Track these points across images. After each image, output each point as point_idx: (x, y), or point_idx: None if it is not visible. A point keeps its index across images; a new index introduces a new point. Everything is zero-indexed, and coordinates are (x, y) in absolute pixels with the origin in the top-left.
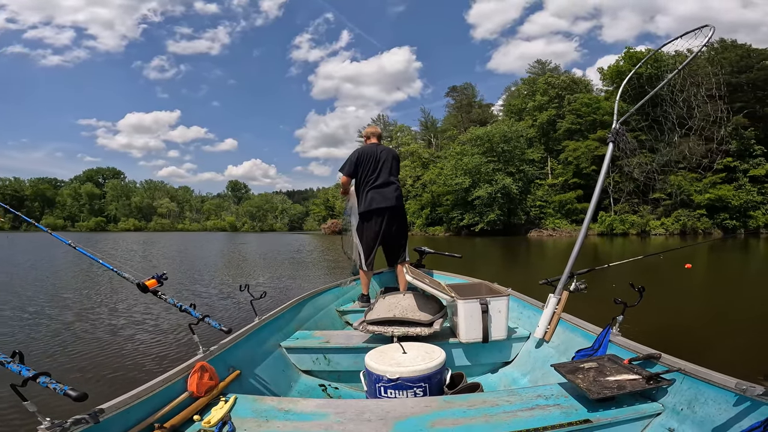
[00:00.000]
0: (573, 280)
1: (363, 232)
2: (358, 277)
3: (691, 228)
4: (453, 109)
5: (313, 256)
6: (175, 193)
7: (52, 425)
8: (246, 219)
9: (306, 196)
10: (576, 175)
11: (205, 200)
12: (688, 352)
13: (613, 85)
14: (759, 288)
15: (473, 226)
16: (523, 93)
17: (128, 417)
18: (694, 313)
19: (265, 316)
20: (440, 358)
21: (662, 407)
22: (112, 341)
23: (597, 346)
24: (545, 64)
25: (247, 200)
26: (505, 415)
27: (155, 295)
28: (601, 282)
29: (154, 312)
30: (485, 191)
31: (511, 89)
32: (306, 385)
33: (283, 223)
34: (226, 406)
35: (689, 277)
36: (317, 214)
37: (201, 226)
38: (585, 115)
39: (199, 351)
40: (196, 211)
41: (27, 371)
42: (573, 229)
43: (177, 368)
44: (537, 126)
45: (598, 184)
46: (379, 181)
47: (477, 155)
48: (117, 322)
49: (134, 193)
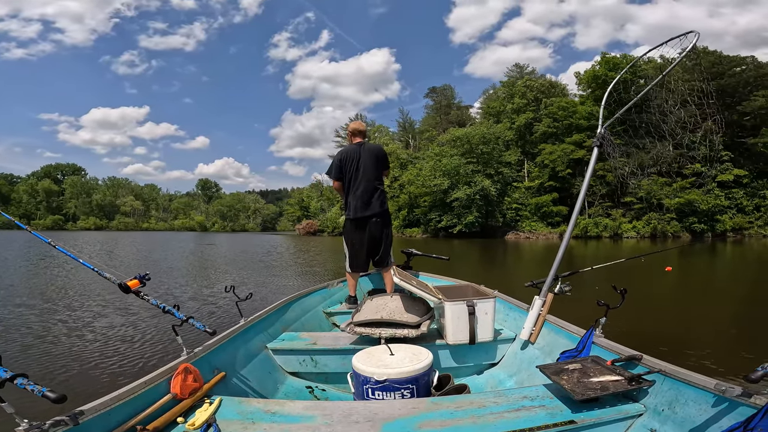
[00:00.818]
0: (557, 283)
1: (349, 237)
2: (345, 279)
3: (661, 231)
4: (432, 110)
5: (283, 260)
6: (141, 191)
7: (31, 427)
8: (216, 219)
9: (280, 196)
10: (552, 178)
11: (173, 199)
12: (669, 353)
13: (590, 90)
14: (736, 290)
15: (451, 228)
16: (501, 96)
17: (109, 419)
18: (674, 314)
19: (251, 318)
20: (427, 360)
21: (644, 408)
22: (91, 343)
23: (581, 348)
24: (523, 67)
25: (218, 199)
26: (492, 416)
27: (137, 296)
28: (583, 285)
29: (136, 313)
30: (464, 193)
31: (489, 92)
32: (293, 387)
33: (255, 224)
34: (211, 408)
35: (669, 279)
36: (291, 215)
37: (168, 225)
38: (561, 118)
39: (182, 353)
40: (163, 210)
41: (4, 372)
42: (549, 231)
43: (160, 370)
44: (515, 128)
45: (582, 188)
46: (361, 188)
47: (456, 156)
48: (97, 323)
49: (96, 191)
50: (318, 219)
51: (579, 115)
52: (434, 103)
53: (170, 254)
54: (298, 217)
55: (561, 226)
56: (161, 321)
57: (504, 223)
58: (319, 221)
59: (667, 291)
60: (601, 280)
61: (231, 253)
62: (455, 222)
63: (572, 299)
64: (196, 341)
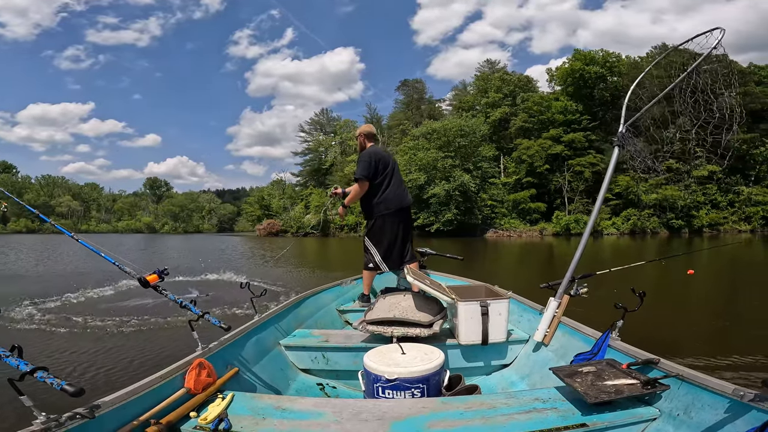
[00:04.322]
0: (574, 284)
1: (385, 233)
2: (359, 277)
3: (641, 228)
4: (402, 104)
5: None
6: (80, 190)
7: (48, 420)
8: (167, 220)
9: (238, 196)
10: (530, 173)
11: (117, 199)
12: (687, 356)
13: (565, 85)
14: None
15: (428, 227)
16: (473, 91)
17: (124, 413)
18: (695, 317)
19: (265, 314)
20: (439, 360)
21: (659, 412)
22: (110, 337)
23: (596, 351)
24: (494, 63)
25: (169, 199)
26: (503, 417)
27: (156, 291)
28: (597, 287)
29: (154, 308)
30: (442, 188)
31: (459, 88)
32: (304, 384)
33: (211, 224)
34: (223, 403)
35: (690, 282)
36: (251, 214)
37: (111, 227)
38: (537, 114)
39: (197, 348)
40: (105, 211)
41: (25, 365)
42: (527, 229)
43: (174, 365)
44: (490, 123)
45: (602, 189)
46: (397, 185)
47: (433, 150)
48: (115, 318)
49: (28, 190)
50: (281, 218)
51: (554, 110)
52: (405, 97)
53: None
54: (258, 217)
55: (540, 223)
56: (180, 314)
57: (483, 221)
58: (281, 221)
59: (689, 294)
60: (619, 282)
61: (167, 258)
62: (432, 220)
63: (588, 301)
64: (211, 336)
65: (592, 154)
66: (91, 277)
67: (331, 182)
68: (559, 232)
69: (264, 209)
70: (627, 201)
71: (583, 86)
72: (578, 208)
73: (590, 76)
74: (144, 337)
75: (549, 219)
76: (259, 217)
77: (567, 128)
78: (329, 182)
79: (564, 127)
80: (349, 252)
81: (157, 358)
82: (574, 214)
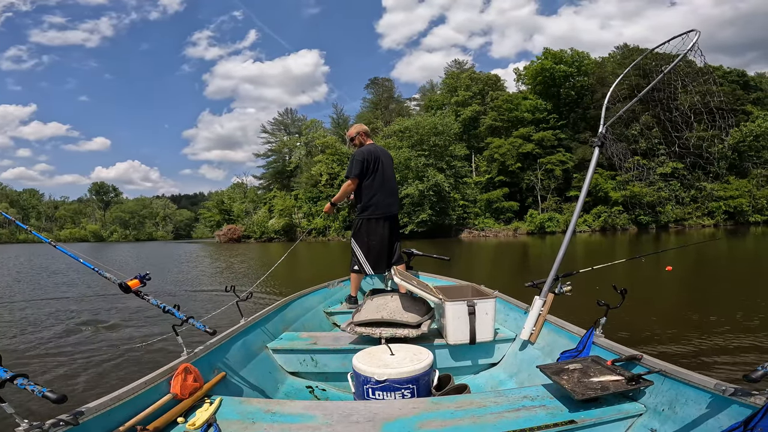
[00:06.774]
0: (558, 283)
1: (371, 236)
2: (346, 279)
3: (611, 224)
4: (370, 103)
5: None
6: (17, 197)
7: (31, 427)
8: (116, 227)
9: (195, 201)
10: (501, 172)
11: (59, 206)
12: (669, 352)
13: (535, 83)
14: (737, 288)
15: (401, 229)
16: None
17: (110, 419)
18: (674, 313)
19: (251, 317)
20: (428, 360)
21: (644, 408)
22: (92, 343)
23: (581, 348)
24: (462, 63)
25: (118, 205)
26: (492, 416)
27: (138, 296)
28: (581, 284)
29: (136, 313)
30: (416, 188)
31: (426, 89)
32: (293, 387)
33: (166, 231)
34: (211, 408)
35: (669, 278)
36: (209, 219)
37: (53, 236)
38: (506, 111)
39: (182, 353)
40: (46, 219)
41: (4, 372)
42: (501, 228)
43: (160, 370)
44: (460, 121)
45: (583, 189)
46: (387, 187)
47: (405, 149)
48: (97, 323)
49: None
50: (243, 223)
51: (523, 108)
52: (374, 96)
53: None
54: (218, 222)
55: (513, 222)
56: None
57: (457, 221)
58: (244, 226)
59: (667, 290)
60: (600, 280)
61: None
62: (406, 221)
63: (571, 299)
64: (197, 341)
65: (561, 152)
66: (67, 283)
67: (296, 184)
68: (533, 231)
69: (224, 214)
70: (596, 198)
71: (551, 85)
72: (551, 206)
73: (559, 75)
74: (126, 343)
75: (522, 218)
76: (219, 223)
77: (536, 127)
78: (294, 184)
79: (533, 126)
80: (316, 259)
81: (139, 364)
82: (548, 212)
